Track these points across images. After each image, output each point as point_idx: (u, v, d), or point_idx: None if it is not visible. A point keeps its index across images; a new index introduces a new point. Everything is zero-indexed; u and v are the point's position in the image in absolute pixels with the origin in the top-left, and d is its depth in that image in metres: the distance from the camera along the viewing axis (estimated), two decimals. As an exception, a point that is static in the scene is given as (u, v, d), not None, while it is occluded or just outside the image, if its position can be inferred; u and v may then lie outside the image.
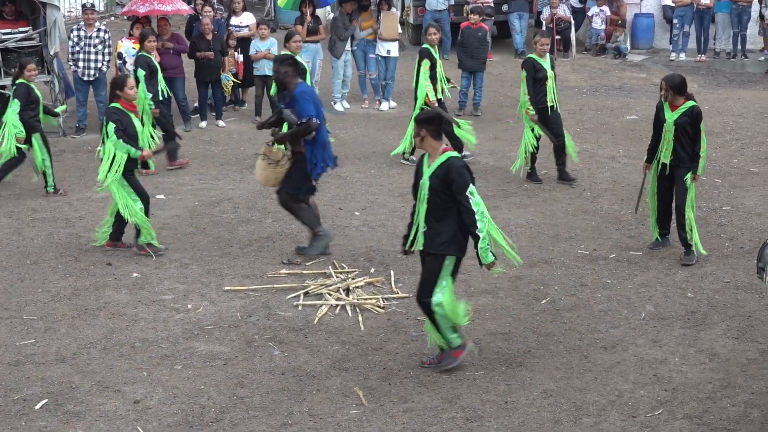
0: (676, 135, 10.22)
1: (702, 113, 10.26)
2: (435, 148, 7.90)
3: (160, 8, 16.05)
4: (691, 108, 10.21)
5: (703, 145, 10.29)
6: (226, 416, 7.44)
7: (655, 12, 23.59)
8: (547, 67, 13.14)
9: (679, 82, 10.23)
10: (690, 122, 10.20)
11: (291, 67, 10.29)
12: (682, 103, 10.22)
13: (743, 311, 9.22)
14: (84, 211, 12.17)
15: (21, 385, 7.90)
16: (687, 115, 10.19)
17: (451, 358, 8.07)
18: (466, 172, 7.84)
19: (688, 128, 10.20)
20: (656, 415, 7.42)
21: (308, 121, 10.09)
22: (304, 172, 10.41)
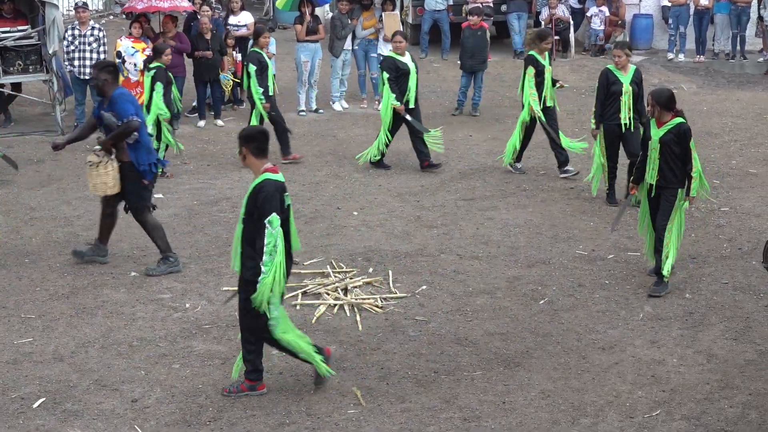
0: (662, 154, 9.48)
1: (691, 131, 9.53)
2: (257, 166, 7.53)
3: (157, 5, 16.03)
4: (679, 125, 9.47)
5: (696, 164, 9.51)
6: (224, 415, 7.44)
7: (654, 13, 23.59)
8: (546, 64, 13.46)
9: (667, 98, 9.53)
10: (677, 140, 9.45)
11: (111, 75, 10.03)
12: (669, 119, 9.50)
13: (741, 312, 9.22)
14: (82, 210, 12.16)
15: (19, 383, 7.89)
16: (673, 132, 9.45)
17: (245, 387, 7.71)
18: (275, 199, 7.38)
19: (675, 147, 9.45)
20: (654, 415, 7.42)
21: (129, 121, 9.84)
22: (138, 179, 10.11)
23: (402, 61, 13.65)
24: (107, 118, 9.99)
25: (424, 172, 13.80)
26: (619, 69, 12.17)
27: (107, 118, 9.99)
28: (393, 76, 13.53)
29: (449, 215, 11.97)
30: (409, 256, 10.63)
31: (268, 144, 7.64)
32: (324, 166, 14.17)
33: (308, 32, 17.20)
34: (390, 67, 13.59)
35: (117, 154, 10.07)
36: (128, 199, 10.25)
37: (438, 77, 20.69)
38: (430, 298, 9.58)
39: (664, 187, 9.55)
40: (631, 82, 12.08)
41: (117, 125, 9.91)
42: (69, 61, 15.73)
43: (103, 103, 10.08)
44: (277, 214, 7.34)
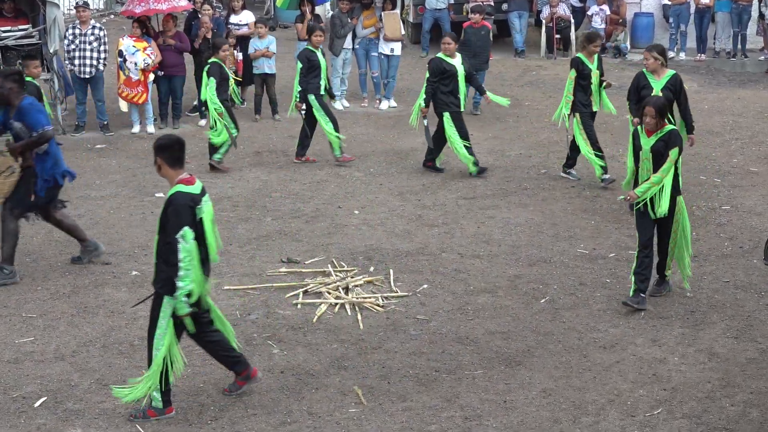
0: (655, 164, 9.06)
1: (679, 139, 9.13)
2: (171, 177, 7.28)
3: (156, 7, 16.01)
4: (669, 132, 9.07)
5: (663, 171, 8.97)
6: (225, 415, 7.44)
7: (655, 11, 23.57)
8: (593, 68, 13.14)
9: (663, 104, 9.10)
10: (666, 147, 9.04)
11: (16, 83, 9.84)
12: (660, 127, 9.09)
13: (742, 311, 9.22)
14: (83, 209, 12.16)
15: (20, 382, 7.89)
16: (664, 140, 9.04)
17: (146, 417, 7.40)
18: (185, 212, 7.15)
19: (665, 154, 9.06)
20: (655, 414, 7.42)
21: (43, 132, 9.71)
22: (29, 188, 9.99)
23: (450, 62, 13.36)
24: (17, 128, 9.80)
25: (425, 170, 13.79)
26: (650, 72, 11.40)
27: (17, 128, 9.80)
28: (437, 78, 13.26)
29: (450, 214, 11.97)
30: (410, 254, 10.63)
31: (184, 153, 7.39)
32: (325, 165, 14.16)
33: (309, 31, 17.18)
34: (436, 68, 13.34)
35: (23, 159, 9.93)
36: (11, 196, 10.02)
37: (439, 76, 20.65)
38: (431, 296, 9.58)
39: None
40: (664, 87, 11.17)
41: (30, 135, 9.75)
42: (70, 61, 15.72)
43: (9, 112, 9.85)
44: (189, 228, 7.11)
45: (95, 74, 15.69)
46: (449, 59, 13.41)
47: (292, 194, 12.76)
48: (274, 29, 23.55)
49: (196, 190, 7.32)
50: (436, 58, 13.52)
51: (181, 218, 7.11)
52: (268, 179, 13.45)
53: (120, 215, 11.94)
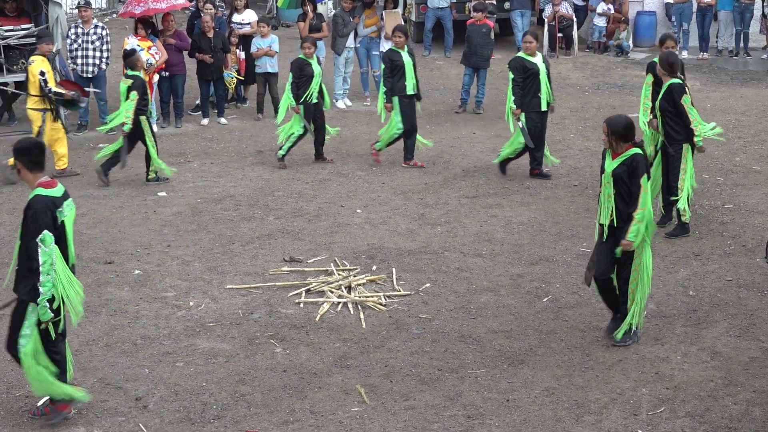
0: (616, 189, 8.22)
1: (646, 165, 8.31)
2: (31, 181, 7.11)
3: (155, 7, 16.00)
4: (633, 156, 8.17)
5: (645, 205, 8.14)
6: (228, 413, 7.44)
7: (657, 10, 23.57)
8: None
9: (624, 126, 8.19)
10: (629, 173, 8.17)
11: None
12: (624, 150, 8.24)
13: (745, 309, 9.21)
14: (86, 208, 12.17)
15: (23, 382, 7.88)
16: (626, 164, 8.17)
17: (56, 412, 7.32)
18: (45, 216, 6.96)
19: (627, 181, 8.17)
20: (658, 413, 7.42)
21: None
22: None
23: (531, 61, 13.03)
24: None
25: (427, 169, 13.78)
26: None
27: None
28: (520, 77, 12.98)
29: (453, 213, 11.97)
30: (412, 253, 10.63)
31: (44, 157, 7.24)
32: (327, 163, 14.17)
33: (311, 30, 17.20)
34: (517, 67, 13.02)
35: None
36: None
37: (441, 75, 20.69)
38: (433, 295, 9.58)
39: (620, 228, 8.25)
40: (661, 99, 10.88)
41: None
42: (72, 60, 15.73)
43: None
44: (49, 232, 6.95)
45: (98, 73, 15.71)
46: (530, 58, 13.05)
47: (294, 193, 12.76)
48: (276, 28, 23.55)
49: (57, 194, 7.15)
50: (517, 57, 13.19)
51: (41, 222, 6.96)
52: (271, 178, 13.45)
53: (122, 214, 11.94)
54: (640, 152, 8.22)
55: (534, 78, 12.99)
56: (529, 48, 13.06)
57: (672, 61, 10.89)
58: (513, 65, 13.08)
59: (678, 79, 10.79)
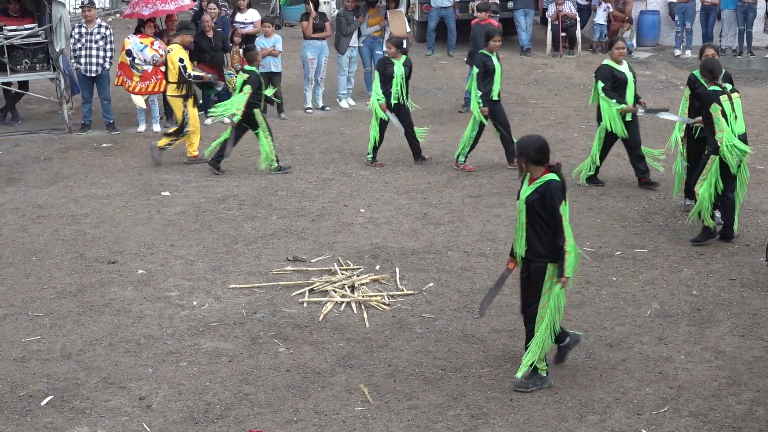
0: (528, 218, 7.55)
1: (563, 193, 7.52)
2: None
3: (163, 8, 16.01)
4: (547, 183, 7.47)
5: (568, 235, 7.48)
6: (231, 413, 7.44)
7: (660, 9, 23.57)
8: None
9: (535, 149, 7.49)
10: (542, 202, 7.48)
11: None
12: (540, 175, 7.54)
13: (749, 309, 9.20)
14: (89, 207, 12.18)
15: (26, 381, 7.91)
16: (540, 192, 7.49)
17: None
18: None
19: (541, 210, 7.48)
20: (662, 412, 7.41)
21: None
22: None
23: (619, 69, 12.59)
24: None
25: (430, 169, 13.79)
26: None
27: None
28: (609, 85, 12.43)
29: (456, 212, 11.96)
30: (416, 253, 10.63)
31: None
32: (331, 163, 14.17)
33: (315, 29, 17.21)
34: (606, 75, 12.50)
35: None
36: None
37: (444, 74, 20.68)
38: (437, 295, 9.58)
39: (533, 260, 7.65)
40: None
41: None
42: (76, 59, 15.74)
43: None
44: None
45: (101, 73, 15.70)
46: (617, 66, 12.61)
47: (297, 193, 12.76)
48: (279, 27, 23.57)
49: None
50: (605, 65, 12.67)
51: None
52: (274, 177, 13.45)
53: (126, 214, 11.95)
54: (556, 179, 7.49)
55: (622, 87, 12.53)
56: (622, 54, 12.63)
57: (710, 67, 10.67)
58: (602, 74, 12.53)
59: (717, 87, 10.51)
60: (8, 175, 13.63)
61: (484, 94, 13.50)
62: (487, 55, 13.63)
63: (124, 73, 15.63)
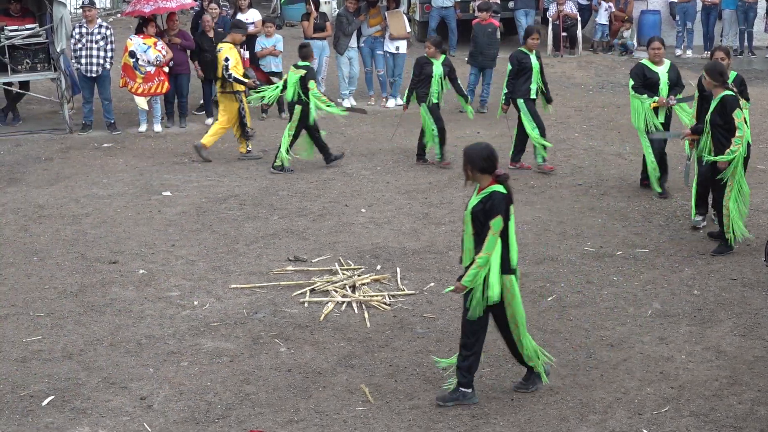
0: (474, 229, 7.33)
1: (503, 205, 7.21)
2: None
3: (164, 5, 16.03)
4: (490, 194, 7.24)
5: (487, 249, 7.15)
6: (233, 413, 7.45)
7: (661, 8, 23.56)
8: None
9: (484, 157, 7.31)
10: (484, 212, 7.23)
11: None
12: (487, 184, 7.32)
13: (750, 308, 9.20)
14: (90, 207, 12.19)
15: (27, 381, 7.91)
16: (483, 202, 7.25)
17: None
18: None
19: (483, 220, 7.24)
20: (663, 412, 7.41)
21: None
22: None
23: (652, 69, 12.12)
24: None
25: (431, 168, 13.78)
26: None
27: None
28: (638, 83, 12.01)
29: (457, 212, 11.96)
30: (417, 253, 10.63)
31: None
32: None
33: (315, 29, 17.21)
34: (636, 73, 12.11)
35: None
36: None
37: (445, 74, 20.65)
38: (437, 295, 9.58)
39: None
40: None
41: None
42: (76, 59, 15.75)
43: None
44: None
45: (102, 73, 15.71)
46: (652, 66, 12.18)
47: (298, 193, 12.76)
48: (280, 27, 23.57)
49: None
50: (637, 63, 12.42)
51: None
52: (275, 177, 13.45)
53: (127, 214, 11.96)
54: (501, 190, 7.25)
55: (653, 87, 12.09)
56: (658, 54, 12.18)
57: (721, 70, 10.32)
58: (632, 72, 12.23)
59: (731, 91, 10.29)
60: (9, 175, 13.64)
61: (511, 93, 13.38)
62: (524, 53, 13.44)
63: (127, 75, 15.64)
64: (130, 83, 15.66)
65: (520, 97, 13.44)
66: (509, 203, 7.28)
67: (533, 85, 13.43)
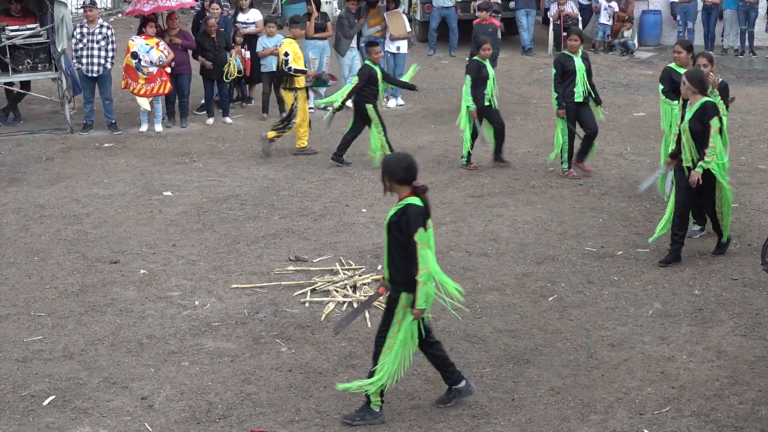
0: (389, 240, 7.06)
1: (422, 218, 6.91)
2: None
3: (164, 4, 16.03)
4: (405, 208, 6.97)
5: (424, 264, 6.87)
6: (234, 413, 7.45)
7: (662, 8, 23.57)
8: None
9: (404, 167, 7.02)
10: (398, 226, 6.96)
11: None
12: (404, 196, 7.06)
13: (751, 308, 9.20)
14: (91, 207, 12.19)
15: (28, 381, 7.91)
16: (398, 214, 7.01)
17: None
18: None
19: (398, 234, 6.97)
20: (664, 412, 7.41)
21: None
22: None
23: (680, 73, 11.26)
24: None
25: (432, 168, 13.77)
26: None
27: None
28: (668, 87, 11.59)
29: (458, 212, 11.96)
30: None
31: None
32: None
33: (316, 29, 17.21)
34: (664, 77, 11.70)
35: None
36: None
37: (446, 74, 20.68)
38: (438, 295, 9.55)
39: (391, 288, 7.19)
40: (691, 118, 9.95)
41: None
42: (77, 59, 15.76)
43: None
44: None
45: (103, 73, 15.72)
46: (681, 70, 11.44)
47: (299, 193, 12.76)
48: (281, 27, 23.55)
49: None
50: (665, 67, 11.90)
51: None
52: (276, 177, 13.46)
53: (128, 214, 11.96)
54: (417, 203, 6.95)
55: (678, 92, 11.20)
56: (678, 59, 11.63)
57: (701, 77, 9.95)
58: (661, 77, 11.80)
59: (709, 99, 10.00)
60: (10, 175, 13.64)
61: (562, 96, 13.04)
62: (567, 56, 13.17)
63: (129, 76, 15.65)
64: (132, 84, 15.66)
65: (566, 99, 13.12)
66: (426, 216, 6.98)
67: (578, 88, 13.04)
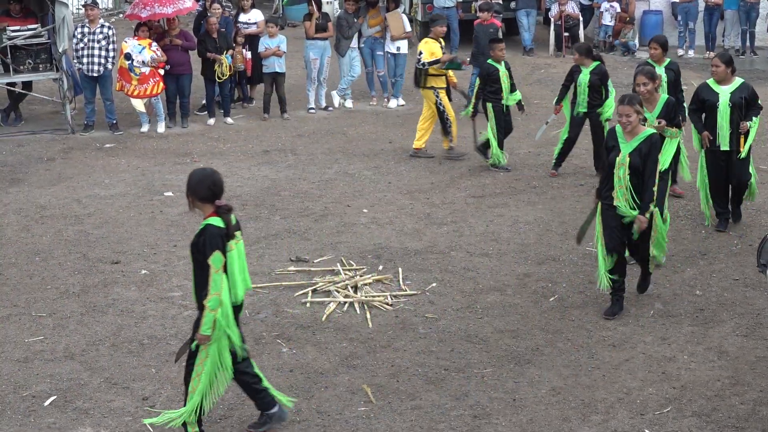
0: (194, 264, 6.82)
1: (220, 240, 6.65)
2: None
3: (161, 11, 16.01)
4: (204, 228, 6.69)
5: (214, 288, 6.59)
6: (234, 413, 7.45)
7: (663, 9, 23.57)
8: None
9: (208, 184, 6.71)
10: (196, 248, 6.73)
11: None
12: (208, 215, 6.78)
13: (752, 309, 9.20)
14: (92, 208, 12.19)
15: (30, 381, 7.91)
16: (198, 236, 6.75)
17: None
18: None
19: (198, 255, 6.73)
20: (665, 412, 7.41)
21: None
22: None
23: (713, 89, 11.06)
24: None
25: (433, 168, 13.78)
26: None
27: None
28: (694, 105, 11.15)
29: (459, 212, 11.97)
30: (418, 253, 10.63)
31: None
32: (334, 163, 14.18)
33: (317, 30, 17.22)
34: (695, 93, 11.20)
35: None
36: None
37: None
38: (440, 295, 9.58)
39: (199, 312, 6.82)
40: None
41: None
42: (78, 60, 15.76)
43: None
44: None
45: (104, 73, 15.71)
46: (715, 86, 11.11)
47: (300, 193, 12.76)
48: (282, 28, 23.56)
49: None
50: (703, 83, 11.34)
51: None
52: (277, 178, 13.46)
53: (129, 214, 11.96)
54: (216, 224, 6.66)
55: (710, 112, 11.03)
56: (716, 73, 11.10)
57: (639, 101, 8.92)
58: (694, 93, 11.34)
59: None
60: (11, 176, 13.65)
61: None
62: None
63: (123, 78, 15.66)
64: (126, 86, 15.68)
65: None
66: (228, 238, 6.68)
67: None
